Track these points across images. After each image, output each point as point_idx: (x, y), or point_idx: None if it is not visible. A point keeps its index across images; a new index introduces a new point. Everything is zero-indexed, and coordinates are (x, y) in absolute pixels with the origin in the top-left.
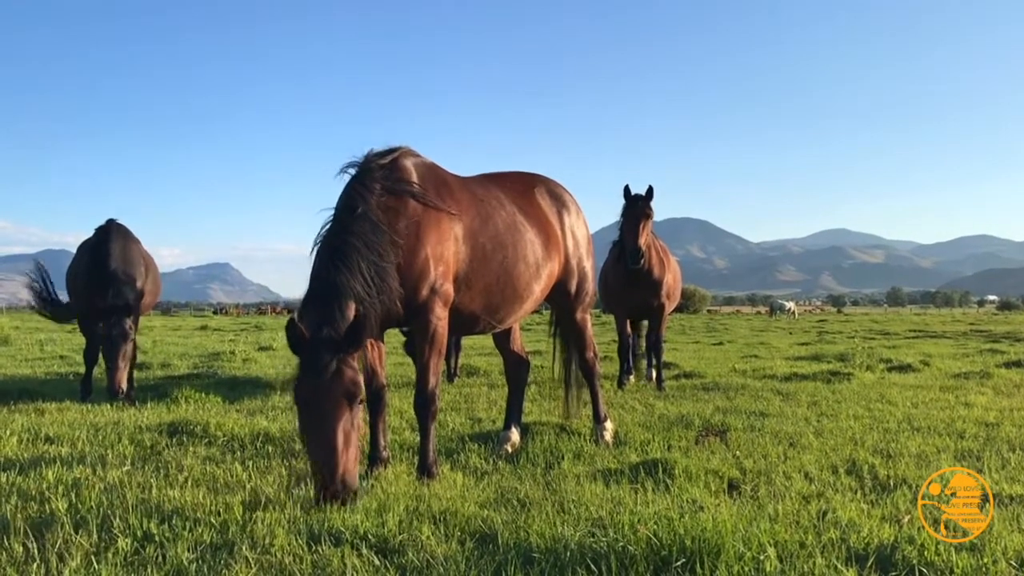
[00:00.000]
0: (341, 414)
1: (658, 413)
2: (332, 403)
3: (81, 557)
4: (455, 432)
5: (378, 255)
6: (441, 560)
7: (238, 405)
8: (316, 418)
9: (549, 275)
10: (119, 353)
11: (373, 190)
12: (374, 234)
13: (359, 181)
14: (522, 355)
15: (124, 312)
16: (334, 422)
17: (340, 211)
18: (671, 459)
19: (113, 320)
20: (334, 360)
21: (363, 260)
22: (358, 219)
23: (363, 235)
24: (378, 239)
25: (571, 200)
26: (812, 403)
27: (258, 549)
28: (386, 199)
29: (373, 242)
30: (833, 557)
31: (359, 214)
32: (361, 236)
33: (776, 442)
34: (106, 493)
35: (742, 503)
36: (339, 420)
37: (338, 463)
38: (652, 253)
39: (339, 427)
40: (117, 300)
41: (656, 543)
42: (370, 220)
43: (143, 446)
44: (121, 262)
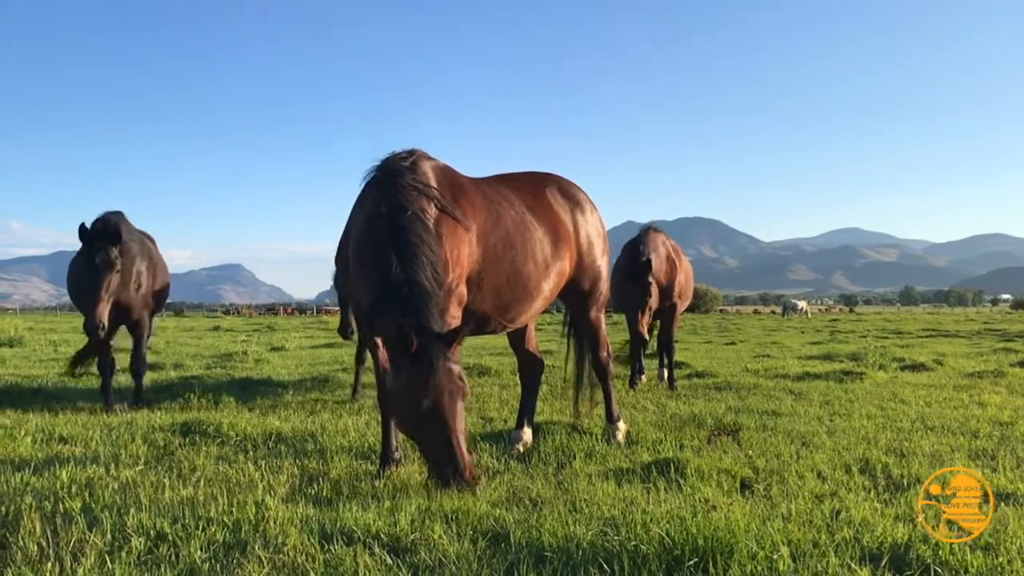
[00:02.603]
0: (458, 409)
1: (670, 412)
2: (450, 398)
3: (95, 556)
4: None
5: (431, 250)
6: (453, 559)
7: (250, 405)
8: (436, 417)
9: (560, 273)
10: (102, 283)
11: (410, 189)
12: (426, 232)
13: (392, 180)
14: (536, 355)
15: (111, 239)
16: (456, 418)
17: (387, 209)
18: (683, 458)
19: (97, 246)
20: (441, 356)
21: (425, 257)
22: (411, 217)
23: (417, 232)
24: (428, 235)
25: (585, 199)
26: (825, 402)
27: (271, 548)
28: (418, 200)
29: (427, 239)
30: (847, 556)
31: (408, 211)
32: (416, 232)
33: (789, 441)
34: (120, 492)
35: (755, 502)
36: (457, 416)
37: (463, 454)
38: (663, 253)
39: (458, 422)
40: (104, 227)
41: (668, 542)
42: (420, 219)
43: (156, 446)
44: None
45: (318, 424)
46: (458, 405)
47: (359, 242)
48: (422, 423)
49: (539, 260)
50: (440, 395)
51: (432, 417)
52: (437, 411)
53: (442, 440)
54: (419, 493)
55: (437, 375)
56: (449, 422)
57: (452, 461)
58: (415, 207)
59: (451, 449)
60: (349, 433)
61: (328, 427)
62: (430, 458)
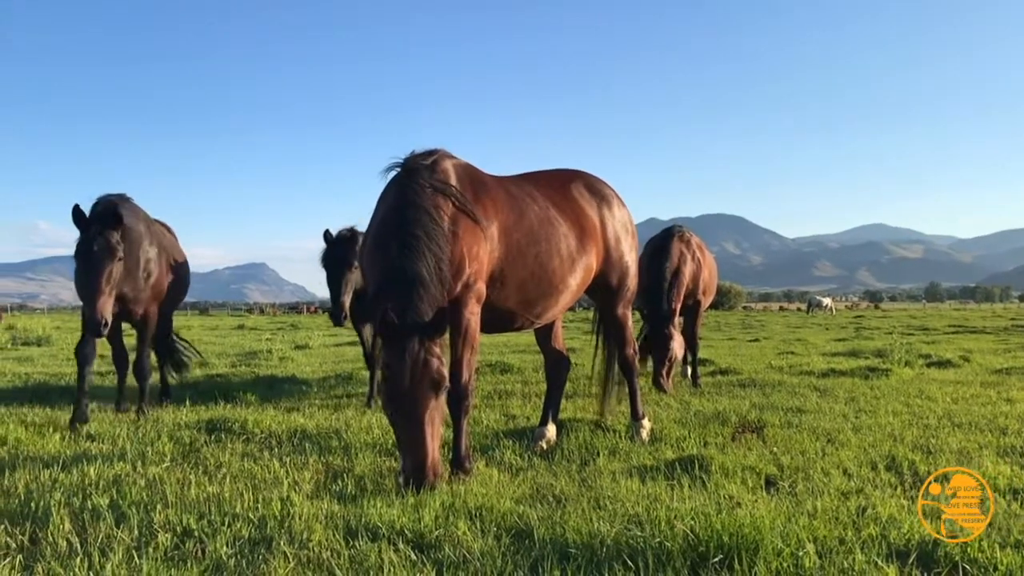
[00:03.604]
0: (429, 402)
1: (694, 410)
2: (421, 391)
3: (123, 552)
4: (489, 428)
5: (438, 246)
6: (477, 555)
7: (275, 402)
8: (405, 406)
9: (586, 269)
10: (102, 273)
11: (425, 187)
12: (433, 226)
13: (411, 179)
14: (563, 353)
15: (110, 223)
16: (423, 410)
17: (397, 205)
18: (707, 455)
19: (94, 231)
20: (420, 349)
21: (427, 250)
22: (419, 212)
23: (424, 226)
24: (436, 231)
25: (612, 194)
26: (850, 399)
27: (296, 544)
28: (433, 197)
29: (433, 233)
30: (873, 553)
31: (419, 207)
32: (423, 227)
33: (814, 438)
34: (146, 489)
35: (780, 499)
36: (427, 408)
37: (427, 452)
38: (688, 261)
39: (427, 415)
40: (103, 209)
41: (693, 539)
42: (429, 214)
43: (182, 443)
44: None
45: (342, 421)
46: (428, 398)
47: (372, 237)
48: (391, 411)
49: (564, 255)
50: (407, 385)
51: (397, 406)
52: (403, 400)
53: (405, 431)
54: (443, 490)
55: (406, 364)
56: (413, 413)
57: (411, 454)
58: (428, 204)
59: (413, 441)
60: (373, 430)
61: (352, 424)
62: (399, 447)
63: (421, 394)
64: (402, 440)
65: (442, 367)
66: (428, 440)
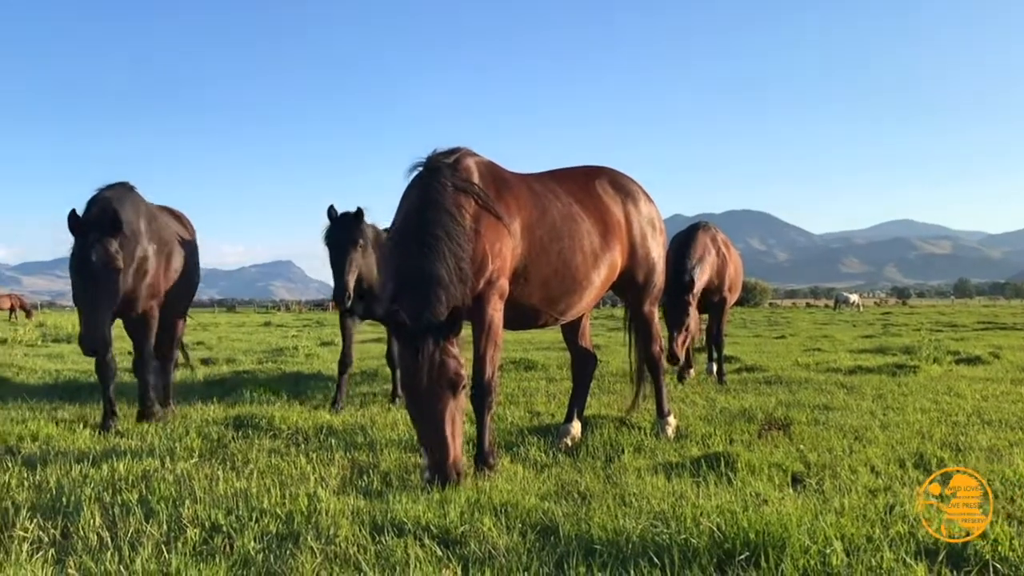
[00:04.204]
0: (448, 401)
1: (720, 407)
2: (439, 391)
3: (152, 546)
4: (514, 425)
5: (458, 246)
6: (503, 551)
7: (301, 399)
8: (424, 406)
9: (611, 265)
10: (104, 296)
11: (446, 186)
12: (453, 226)
13: (433, 178)
14: (590, 350)
15: (108, 230)
16: (442, 410)
17: (419, 205)
18: (733, 453)
19: (91, 239)
20: (436, 348)
21: (447, 250)
22: (439, 211)
23: (445, 226)
24: (457, 231)
25: (638, 190)
26: (877, 396)
27: (323, 539)
28: (455, 196)
29: (453, 233)
30: (902, 551)
31: (440, 207)
32: (443, 227)
33: (841, 435)
34: (175, 484)
35: (807, 497)
36: (447, 407)
37: (450, 450)
38: (712, 255)
39: (447, 414)
40: (101, 214)
41: (719, 536)
42: (450, 213)
43: (210, 439)
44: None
45: (368, 417)
46: (447, 397)
47: (393, 236)
48: (411, 411)
49: (587, 251)
50: (424, 385)
51: (416, 406)
52: (421, 401)
53: (426, 431)
54: (468, 486)
55: (422, 365)
56: (433, 413)
57: (433, 453)
58: (449, 204)
59: (434, 441)
60: (398, 426)
61: (377, 420)
62: (422, 446)
63: (439, 394)
64: (424, 440)
65: (459, 367)
66: (449, 439)
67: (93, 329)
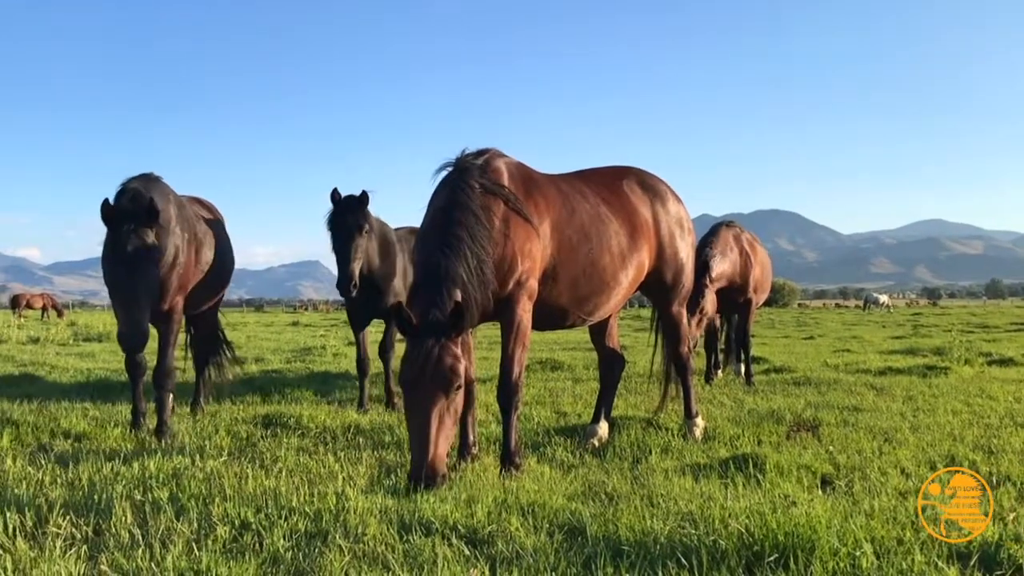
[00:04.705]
0: (436, 399)
1: (748, 408)
2: (428, 387)
3: (182, 544)
4: (540, 426)
5: (481, 247)
6: (530, 551)
7: (329, 398)
8: (412, 401)
9: (639, 266)
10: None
11: (474, 187)
12: (478, 227)
13: (459, 178)
14: (617, 351)
15: (144, 219)
16: (428, 407)
17: (445, 205)
18: (762, 454)
19: (127, 229)
20: (436, 345)
21: (469, 251)
22: (464, 212)
23: (469, 227)
24: (481, 232)
25: (666, 190)
26: (908, 398)
27: (351, 538)
28: (482, 198)
29: (477, 234)
30: (933, 554)
31: (465, 208)
32: (467, 227)
33: (871, 437)
34: (205, 482)
35: (836, 499)
36: (432, 405)
37: (428, 450)
38: (735, 252)
39: (432, 412)
40: (134, 203)
41: (748, 538)
42: (474, 214)
43: (239, 437)
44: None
45: (395, 417)
46: (437, 396)
47: (419, 236)
48: (404, 405)
49: (615, 252)
50: (415, 381)
51: (407, 399)
52: (411, 396)
53: (411, 425)
54: (495, 485)
55: (418, 360)
56: (420, 410)
57: (414, 450)
58: (474, 205)
59: (416, 438)
60: None
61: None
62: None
63: (430, 393)
64: (409, 436)
65: (457, 365)
66: (431, 439)
67: (134, 324)
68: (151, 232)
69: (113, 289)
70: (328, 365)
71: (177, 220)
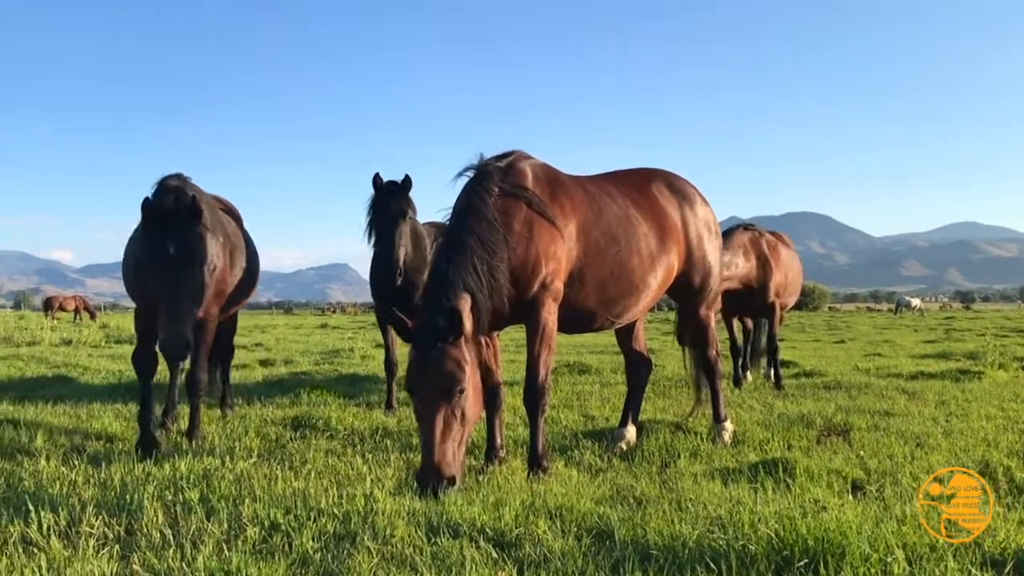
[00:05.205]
0: (440, 405)
1: (777, 412)
2: (431, 391)
3: (213, 544)
4: (568, 429)
5: (491, 253)
6: (558, 555)
7: (357, 400)
8: (417, 407)
9: (667, 269)
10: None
11: (491, 192)
12: (490, 233)
13: (478, 183)
14: (644, 355)
15: (190, 220)
16: (433, 413)
17: (460, 211)
18: (791, 458)
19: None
20: (436, 350)
21: (477, 257)
22: (477, 219)
23: (479, 234)
24: (493, 238)
25: (695, 193)
26: (940, 402)
27: (379, 540)
28: (503, 201)
29: (488, 241)
30: (967, 561)
31: (479, 215)
32: (478, 235)
33: (902, 442)
34: (235, 484)
35: (867, 504)
36: (439, 411)
37: (432, 454)
38: (749, 255)
39: (439, 418)
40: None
41: (777, 542)
42: (487, 220)
43: (269, 439)
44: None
45: None
46: (439, 400)
47: (440, 240)
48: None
49: (644, 254)
50: (419, 385)
51: (414, 404)
52: (416, 400)
53: (420, 430)
54: (523, 488)
55: (420, 365)
56: (425, 414)
57: (422, 453)
58: (489, 212)
59: (424, 441)
60: None
61: None
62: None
63: (432, 397)
64: (420, 440)
65: (458, 370)
66: (435, 444)
67: (177, 331)
68: (195, 233)
69: (155, 292)
70: (356, 367)
71: (212, 223)
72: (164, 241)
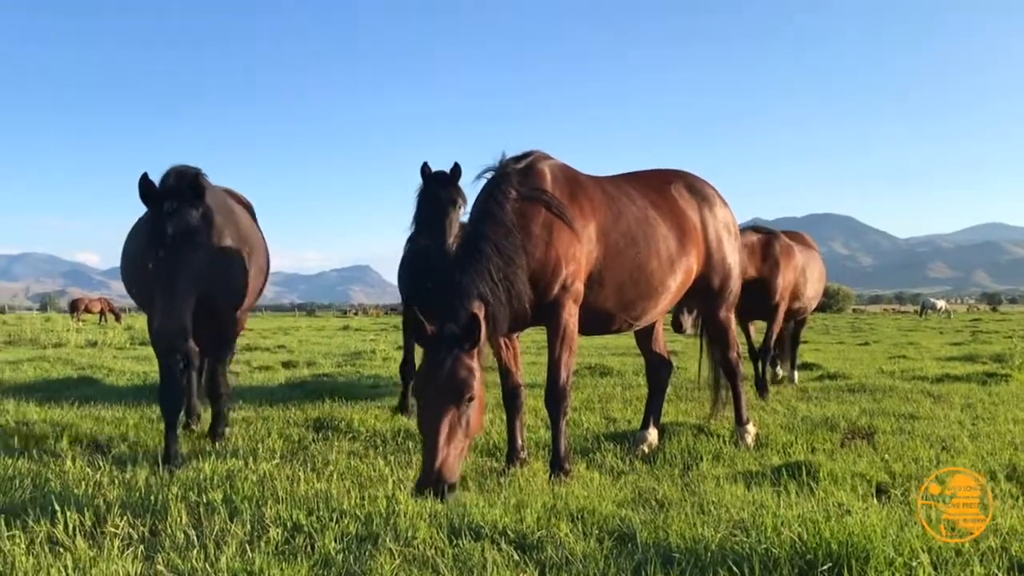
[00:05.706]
0: (448, 411)
1: (801, 415)
2: (438, 398)
3: (236, 545)
4: (590, 431)
5: (507, 259)
6: (580, 557)
7: (379, 402)
8: (423, 411)
9: (687, 271)
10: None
11: (508, 195)
12: (506, 239)
13: (496, 186)
14: (664, 356)
15: (190, 197)
16: (439, 418)
17: (477, 217)
18: (815, 462)
19: (169, 208)
20: (449, 356)
21: (492, 264)
22: (494, 225)
23: (495, 240)
24: (509, 244)
25: (714, 194)
26: (966, 405)
27: (401, 541)
28: (521, 205)
29: (504, 247)
30: (993, 566)
31: (495, 220)
32: (493, 240)
33: (927, 445)
34: (258, 485)
35: (892, 508)
36: (445, 416)
37: (435, 460)
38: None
39: (444, 424)
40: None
41: (801, 546)
42: (504, 225)
43: (291, 440)
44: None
45: None
46: (446, 406)
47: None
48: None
49: (663, 256)
50: (426, 390)
51: (420, 408)
52: (423, 405)
53: (423, 434)
54: (544, 491)
55: (430, 370)
56: (430, 419)
57: (424, 458)
58: (506, 216)
59: (426, 446)
60: None
61: None
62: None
63: (440, 402)
64: (422, 444)
65: (470, 378)
66: (438, 449)
67: (170, 317)
68: (196, 213)
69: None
70: (378, 369)
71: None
72: (159, 220)
